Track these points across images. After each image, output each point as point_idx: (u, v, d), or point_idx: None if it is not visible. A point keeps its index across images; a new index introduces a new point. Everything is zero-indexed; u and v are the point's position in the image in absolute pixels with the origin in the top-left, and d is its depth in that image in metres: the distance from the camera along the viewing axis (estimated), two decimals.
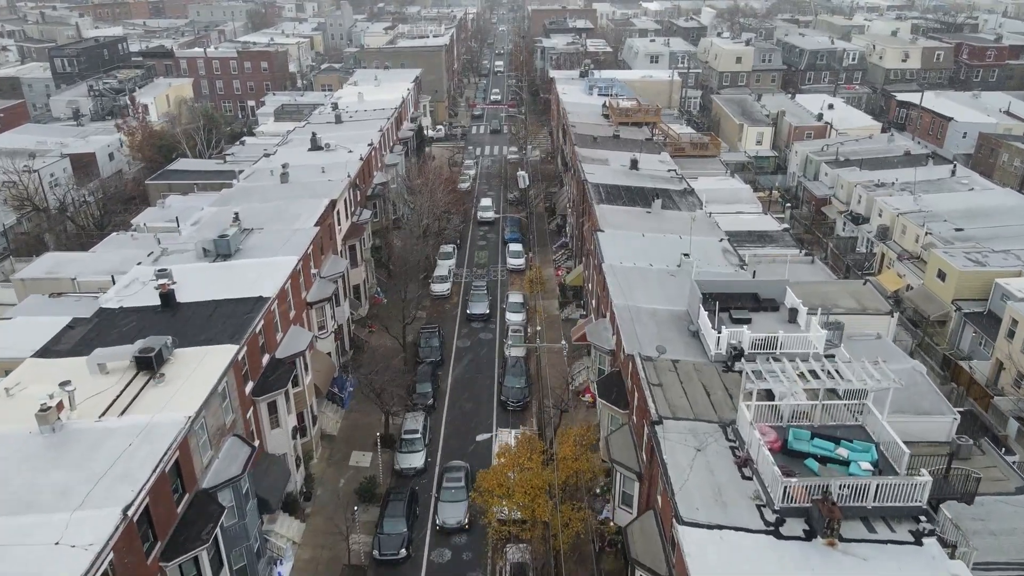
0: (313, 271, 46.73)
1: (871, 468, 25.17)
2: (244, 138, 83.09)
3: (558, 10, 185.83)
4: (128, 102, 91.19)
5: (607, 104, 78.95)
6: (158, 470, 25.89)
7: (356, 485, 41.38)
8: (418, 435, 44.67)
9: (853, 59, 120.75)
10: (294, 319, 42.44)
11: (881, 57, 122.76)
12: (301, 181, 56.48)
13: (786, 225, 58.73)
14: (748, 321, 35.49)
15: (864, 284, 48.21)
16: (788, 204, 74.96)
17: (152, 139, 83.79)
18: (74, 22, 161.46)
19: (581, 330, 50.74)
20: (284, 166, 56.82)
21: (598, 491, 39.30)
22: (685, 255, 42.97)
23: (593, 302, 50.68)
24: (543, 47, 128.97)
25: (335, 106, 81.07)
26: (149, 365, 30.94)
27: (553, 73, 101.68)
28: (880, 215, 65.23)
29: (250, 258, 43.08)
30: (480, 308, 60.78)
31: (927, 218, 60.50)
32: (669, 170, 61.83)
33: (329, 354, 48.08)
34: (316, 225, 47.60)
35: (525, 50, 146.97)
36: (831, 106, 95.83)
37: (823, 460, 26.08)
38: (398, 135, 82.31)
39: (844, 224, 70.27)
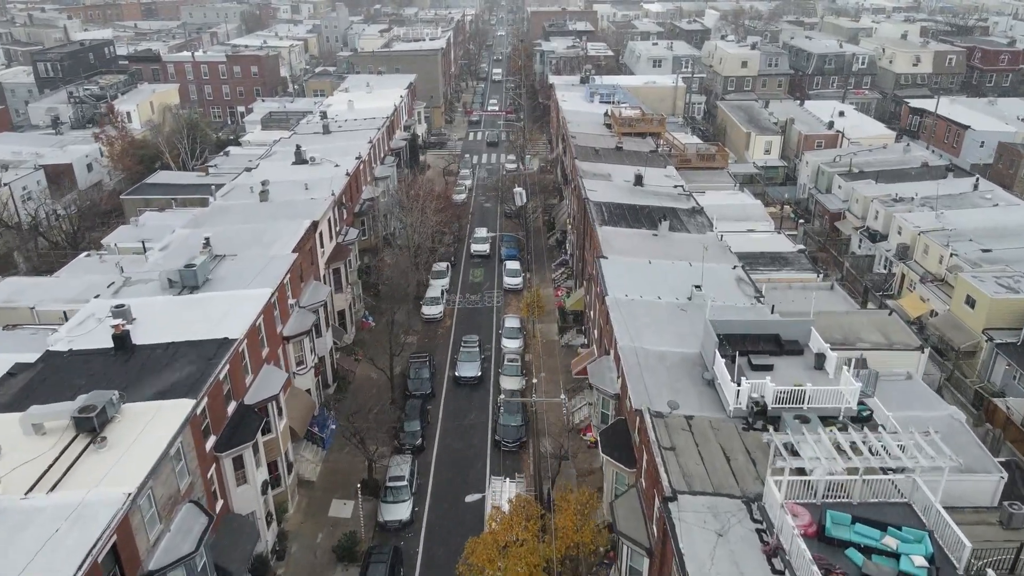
0: (291, 301, 42.92)
1: (926, 565, 21.35)
2: (229, 148, 79.23)
3: (558, 12, 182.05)
4: (107, 110, 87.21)
5: (609, 113, 75.16)
6: (87, 563, 22.06)
7: (334, 542, 37.56)
8: (404, 483, 40.80)
9: (862, 63, 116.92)
10: (268, 357, 38.64)
11: (891, 61, 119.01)
12: (282, 199, 52.69)
13: (801, 246, 54.93)
14: (770, 368, 31.69)
15: (890, 315, 44.41)
16: (801, 220, 71.08)
17: (133, 149, 79.95)
18: (62, 24, 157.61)
19: (582, 363, 46.96)
20: (264, 183, 53.01)
21: (601, 550, 35.44)
22: (697, 287, 39.14)
23: (595, 332, 46.90)
24: (542, 51, 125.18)
25: (324, 115, 77.29)
26: (90, 427, 27.12)
27: (552, 79, 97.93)
28: (899, 233, 61.40)
29: (220, 290, 39.28)
30: (470, 371, 52.22)
31: (951, 237, 56.67)
32: (676, 186, 58.02)
33: (309, 391, 44.26)
34: (295, 251, 43.79)
35: (524, 53, 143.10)
36: (842, 113, 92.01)
37: (867, 551, 22.30)
38: (390, 145, 78.52)
39: (860, 241, 66.44)
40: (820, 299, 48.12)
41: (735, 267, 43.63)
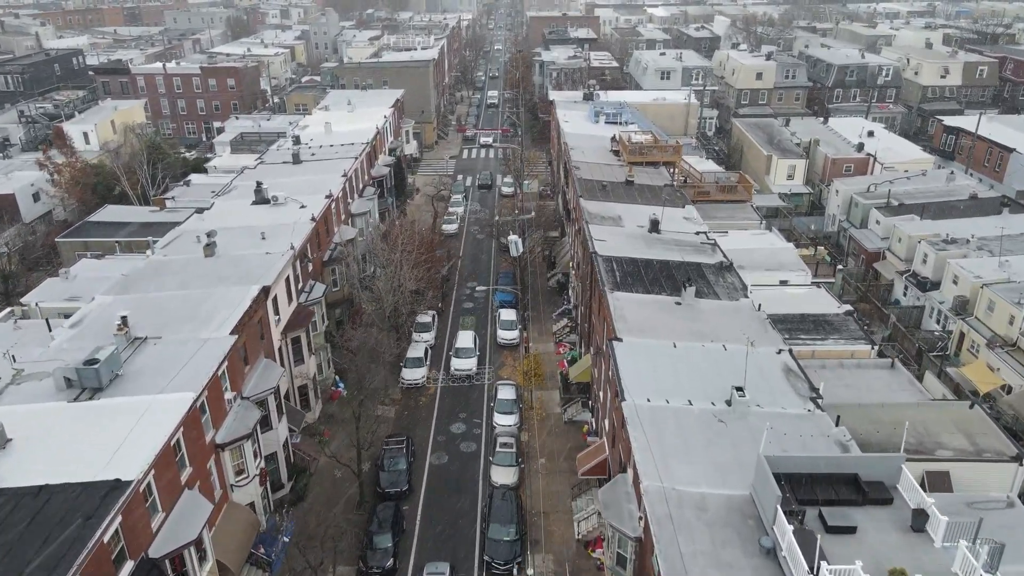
0: (229, 396, 34.46)
1: None
2: (190, 177, 70.64)
3: (558, 17, 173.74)
4: (55, 132, 78.70)
5: (617, 138, 66.66)
6: None
7: None
8: None
9: (887, 75, 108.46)
10: (189, 481, 30.17)
11: (917, 72, 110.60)
12: (232, 254, 44.23)
13: (848, 306, 46.52)
14: (852, 531, 23.30)
15: (971, 407, 35.94)
16: (840, 267, 62.58)
17: (83, 177, 71.43)
18: (34, 32, 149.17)
19: (590, 460, 38.58)
20: (210, 235, 44.52)
21: None
22: (738, 390, 30.65)
23: (605, 422, 38.49)
24: (542, 61, 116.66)
25: (296, 140, 68.77)
26: None
27: (553, 95, 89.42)
28: (955, 283, 52.95)
29: (131, 391, 30.81)
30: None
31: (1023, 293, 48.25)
32: (698, 232, 49.53)
33: (252, 504, 35.81)
34: (236, 330, 35.33)
35: (523, 63, 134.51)
36: (871, 133, 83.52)
37: None
38: (371, 174, 70.05)
39: (906, 288, 58.03)
40: (879, 381, 39.87)
41: (780, 351, 35.15)
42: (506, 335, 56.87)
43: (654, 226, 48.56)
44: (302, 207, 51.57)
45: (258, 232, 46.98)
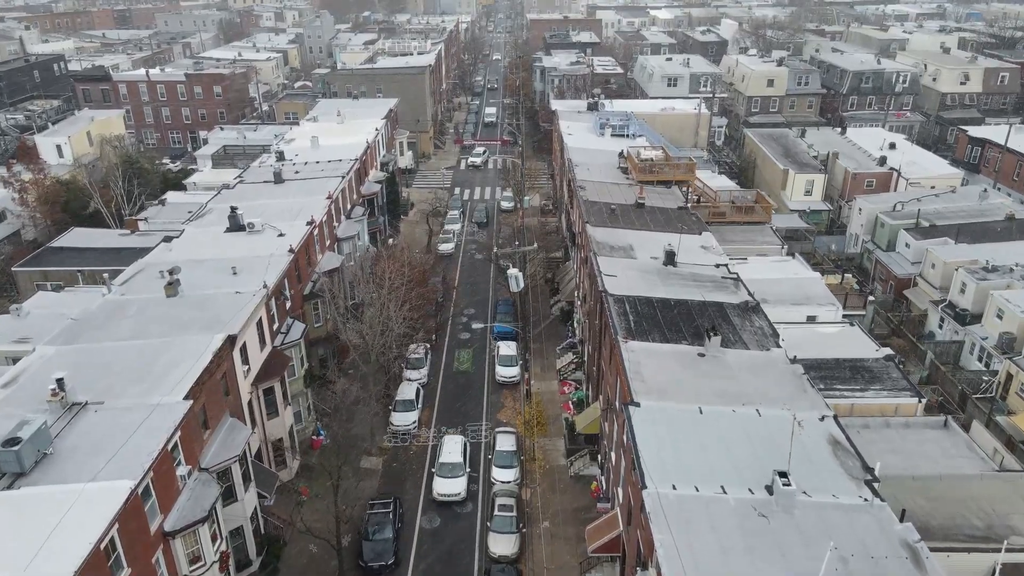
0: (182, 471, 29.59)
1: None
2: (167, 195, 65.69)
3: (559, 20, 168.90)
4: (20, 146, 73.83)
5: (625, 154, 61.80)
6: None
7: None
8: None
9: (904, 82, 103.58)
10: None
11: (935, 79, 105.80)
12: (197, 294, 39.35)
13: (888, 350, 41.70)
14: None
15: None
16: (870, 296, 57.65)
17: (51, 195, 66.57)
18: (19, 36, 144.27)
19: (602, 536, 33.73)
20: (172, 272, 39.62)
21: None
22: (782, 476, 25.71)
23: (619, 493, 33.62)
24: (543, 67, 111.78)
25: (280, 156, 63.89)
26: None
27: (555, 104, 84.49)
28: (999, 317, 48.13)
29: (61, 475, 25.96)
30: None
31: None
32: (718, 265, 44.67)
33: None
34: (191, 395, 30.45)
35: (523, 68, 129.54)
36: (893, 145, 78.66)
37: None
38: (360, 192, 65.20)
39: (942, 321, 53.18)
40: (932, 443, 35.01)
41: (823, 418, 30.26)
42: (505, 372, 51.99)
43: (670, 258, 43.69)
44: (280, 235, 46.73)
45: (229, 266, 42.07)
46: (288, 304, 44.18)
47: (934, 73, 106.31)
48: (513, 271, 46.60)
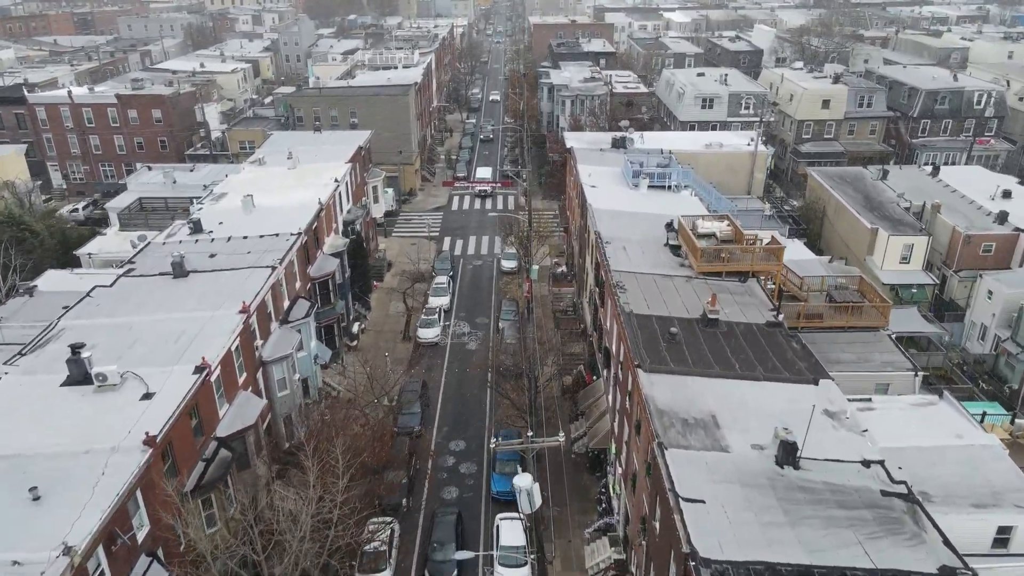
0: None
1: None
2: (37, 282, 47.44)
3: (565, 24, 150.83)
4: None
5: (677, 229, 43.89)
6: None
7: None
8: None
9: (988, 102, 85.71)
10: None
11: (1022, 99, 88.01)
12: None
13: None
14: None
15: None
16: None
17: None
18: None
19: None
20: None
21: None
22: None
23: None
24: (551, 84, 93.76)
25: (195, 226, 46.01)
26: None
27: (571, 141, 66.27)
28: None
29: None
30: None
31: None
32: (868, 462, 26.71)
33: None
34: None
35: (527, 84, 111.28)
36: (1007, 193, 60.86)
37: None
38: (309, 275, 47.38)
39: None
40: None
41: None
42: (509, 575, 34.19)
43: (787, 454, 25.84)
44: (145, 396, 28.91)
45: (40, 471, 24.27)
46: (152, 512, 26.34)
47: (1020, 92, 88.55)
48: (523, 482, 28.77)
